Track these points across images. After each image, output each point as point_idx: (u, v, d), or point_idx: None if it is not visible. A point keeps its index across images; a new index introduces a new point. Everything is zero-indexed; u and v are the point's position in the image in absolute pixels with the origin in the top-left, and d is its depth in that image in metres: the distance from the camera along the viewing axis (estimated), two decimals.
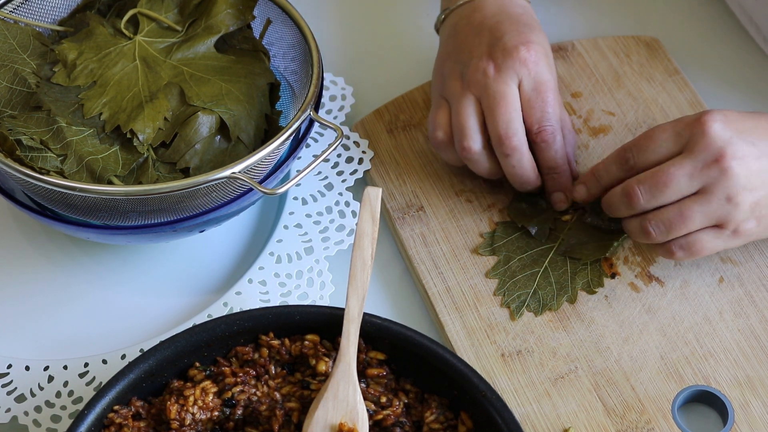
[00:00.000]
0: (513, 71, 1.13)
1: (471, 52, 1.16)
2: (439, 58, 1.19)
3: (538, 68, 1.14)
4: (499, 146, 1.13)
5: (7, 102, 1.12)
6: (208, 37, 1.16)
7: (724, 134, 1.06)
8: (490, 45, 1.15)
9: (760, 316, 1.12)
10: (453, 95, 1.16)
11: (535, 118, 1.14)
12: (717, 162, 1.05)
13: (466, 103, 1.14)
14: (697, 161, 1.06)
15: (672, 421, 1.07)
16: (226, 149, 1.12)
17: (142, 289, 1.17)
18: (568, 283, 1.14)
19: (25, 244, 1.19)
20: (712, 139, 1.05)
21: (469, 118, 1.14)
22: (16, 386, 1.10)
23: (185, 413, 1.01)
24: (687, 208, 1.06)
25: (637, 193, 1.08)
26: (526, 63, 1.13)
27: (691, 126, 1.07)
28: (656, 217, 1.08)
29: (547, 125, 1.14)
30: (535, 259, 1.15)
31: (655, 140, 1.09)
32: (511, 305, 1.13)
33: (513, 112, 1.13)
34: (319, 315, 1.04)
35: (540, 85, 1.14)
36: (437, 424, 1.02)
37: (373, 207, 1.04)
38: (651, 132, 1.09)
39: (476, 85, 1.14)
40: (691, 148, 1.06)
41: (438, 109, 1.17)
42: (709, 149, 1.05)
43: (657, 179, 1.07)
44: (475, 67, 1.14)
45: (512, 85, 1.13)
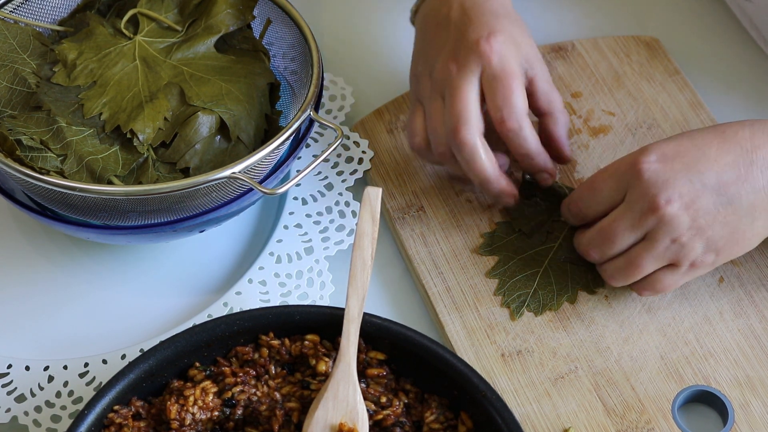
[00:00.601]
0: (474, 64, 1.11)
1: (438, 51, 1.14)
2: (413, 58, 1.19)
3: (498, 58, 1.11)
4: (451, 140, 1.11)
5: (7, 102, 1.12)
6: (208, 37, 1.16)
7: (659, 178, 1.05)
8: (455, 41, 1.13)
9: (760, 316, 1.12)
10: (425, 97, 1.15)
11: (497, 106, 1.11)
12: (653, 211, 1.05)
13: (436, 106, 1.13)
14: (635, 212, 1.06)
15: (672, 421, 1.07)
16: (226, 149, 1.12)
17: (142, 289, 1.17)
18: (568, 283, 1.14)
19: (25, 244, 1.19)
20: (645, 186, 1.05)
21: (440, 123, 1.13)
22: (16, 386, 1.10)
23: (185, 413, 1.01)
24: (635, 255, 1.08)
25: (591, 254, 1.11)
26: (484, 54, 1.11)
27: (628, 171, 1.06)
28: (610, 267, 1.10)
29: (510, 113, 1.11)
30: (535, 259, 1.15)
31: (598, 191, 1.09)
32: (511, 305, 1.13)
33: (466, 105, 1.10)
34: (319, 315, 1.04)
35: (500, 73, 1.11)
36: (437, 424, 1.02)
37: (373, 207, 1.04)
38: (593, 181, 1.10)
39: (441, 84, 1.13)
40: (629, 199, 1.06)
41: (414, 113, 1.16)
42: (644, 198, 1.05)
43: (603, 237, 1.09)
44: (441, 66, 1.13)
45: (471, 78, 1.11)
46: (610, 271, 1.10)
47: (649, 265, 1.08)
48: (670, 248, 1.06)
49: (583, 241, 1.11)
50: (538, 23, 1.33)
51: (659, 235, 1.05)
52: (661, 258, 1.07)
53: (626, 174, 1.07)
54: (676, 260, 1.07)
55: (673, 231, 1.05)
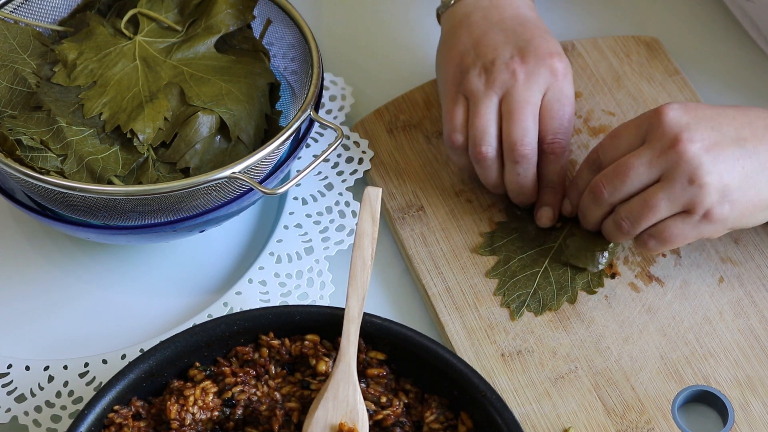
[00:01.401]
0: (543, 78, 1.12)
1: (496, 50, 1.14)
2: (451, 50, 1.17)
3: (565, 81, 1.13)
4: (511, 152, 1.12)
5: (7, 102, 1.12)
6: (208, 37, 1.16)
7: (681, 120, 1.05)
8: (519, 47, 1.13)
9: (760, 316, 1.12)
10: (474, 92, 1.13)
11: (551, 129, 1.13)
12: (673, 146, 1.05)
13: (489, 105, 1.13)
14: (655, 148, 1.05)
15: (672, 421, 1.07)
16: (226, 149, 1.12)
17: (142, 289, 1.17)
18: (568, 283, 1.14)
19: (25, 244, 1.19)
20: (667, 125, 1.05)
21: (490, 124, 1.12)
22: (16, 386, 1.10)
23: (185, 413, 1.01)
24: (650, 195, 1.06)
25: (600, 188, 1.09)
26: (557, 73, 1.13)
27: (650, 116, 1.07)
28: (623, 209, 1.08)
29: (561, 137, 1.13)
30: (535, 259, 1.15)
31: (619, 137, 1.09)
32: (511, 305, 1.13)
33: (531, 121, 1.12)
34: (319, 315, 1.04)
35: (564, 97, 1.13)
36: (437, 424, 1.02)
37: (373, 207, 1.04)
38: (615, 130, 1.10)
39: (502, 84, 1.13)
40: (649, 138, 1.06)
41: (455, 106, 1.15)
42: (666, 135, 1.05)
43: (617, 171, 1.07)
44: (503, 66, 1.13)
45: (538, 93, 1.12)
46: (624, 213, 1.07)
47: (663, 207, 1.06)
48: (686, 190, 1.05)
49: (595, 179, 1.09)
50: None
51: (677, 174, 1.04)
52: (677, 200, 1.05)
53: (647, 118, 1.07)
54: (691, 206, 1.05)
55: (691, 169, 1.04)
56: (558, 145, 1.13)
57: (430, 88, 1.26)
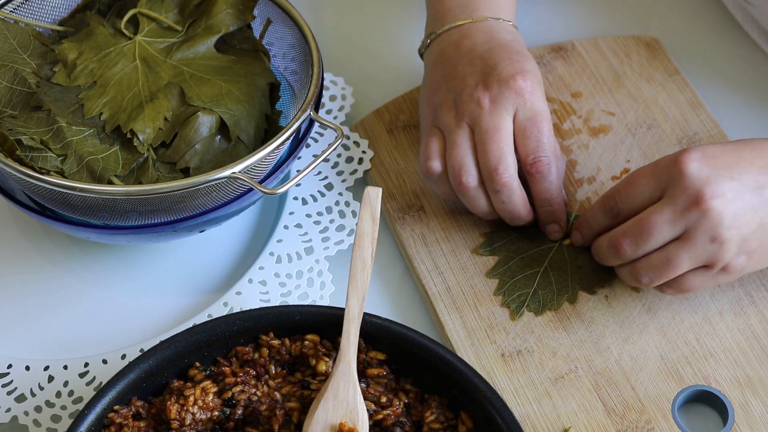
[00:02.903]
0: (508, 102, 1.11)
1: (464, 81, 1.14)
2: (428, 87, 1.17)
3: (533, 98, 1.12)
4: (490, 181, 1.11)
5: (7, 102, 1.12)
6: (208, 37, 1.16)
7: (702, 173, 1.04)
8: (484, 74, 1.13)
9: (760, 316, 1.12)
10: (447, 125, 1.13)
11: (530, 149, 1.12)
12: (696, 204, 1.04)
13: (462, 135, 1.12)
14: (677, 206, 1.04)
15: (672, 421, 1.07)
16: (226, 149, 1.12)
17: (142, 289, 1.17)
18: (568, 282, 1.14)
19: (25, 244, 1.19)
20: (689, 180, 1.04)
21: (466, 153, 1.12)
22: (16, 386, 1.10)
23: (185, 413, 1.01)
24: (673, 254, 1.06)
25: (623, 246, 1.08)
26: (522, 93, 1.11)
27: (669, 168, 1.06)
28: (644, 265, 1.07)
29: (543, 156, 1.12)
30: (535, 259, 1.15)
31: (636, 186, 1.08)
32: (511, 305, 1.13)
33: (505, 147, 1.11)
34: (319, 315, 1.04)
35: (536, 115, 1.12)
36: (437, 424, 1.02)
37: (373, 207, 1.04)
38: (632, 177, 1.09)
39: (470, 115, 1.12)
40: (671, 193, 1.05)
41: (430, 137, 1.14)
42: (687, 192, 1.04)
43: (640, 229, 1.06)
44: (469, 96, 1.12)
45: (507, 117, 1.12)
46: (644, 269, 1.07)
47: (684, 265, 1.06)
48: (707, 248, 1.05)
49: (615, 234, 1.08)
50: (538, 23, 1.33)
51: (699, 232, 1.04)
52: (698, 258, 1.05)
53: (667, 170, 1.06)
54: (712, 261, 1.05)
55: (714, 227, 1.04)
56: (541, 163, 1.12)
57: None
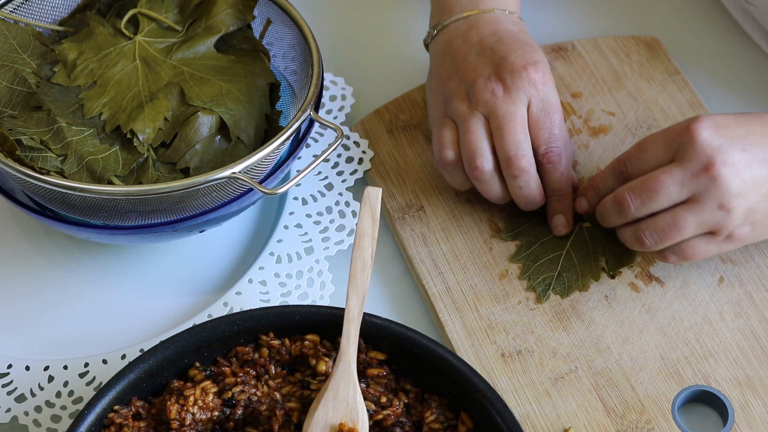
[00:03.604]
0: (522, 92, 1.12)
1: (475, 72, 1.14)
2: (436, 78, 1.18)
3: (546, 89, 1.13)
4: (508, 167, 1.12)
5: (7, 102, 1.12)
6: (208, 37, 1.16)
7: (714, 142, 1.05)
8: (495, 65, 1.14)
9: (760, 316, 1.12)
10: (459, 115, 1.14)
11: (543, 140, 1.13)
12: (707, 170, 1.05)
13: (476, 123, 1.13)
14: (687, 169, 1.05)
15: (672, 421, 1.07)
16: (226, 149, 1.12)
17: (142, 289, 1.17)
18: (591, 264, 1.14)
19: (25, 244, 1.19)
20: (701, 146, 1.05)
21: (481, 139, 1.12)
22: (16, 386, 1.10)
23: (185, 413, 1.01)
24: (680, 216, 1.06)
25: (628, 201, 1.08)
26: (535, 84, 1.13)
27: (681, 134, 1.06)
28: (649, 225, 1.08)
29: (554, 146, 1.13)
30: (556, 242, 1.15)
31: (647, 150, 1.09)
32: (537, 289, 1.13)
33: (522, 134, 1.12)
34: (319, 315, 1.04)
35: (548, 106, 1.13)
36: (437, 424, 1.02)
37: (373, 207, 1.04)
38: (643, 142, 1.09)
39: (484, 104, 1.13)
40: (681, 157, 1.06)
41: (443, 128, 1.15)
42: (699, 157, 1.05)
43: (647, 186, 1.07)
44: (482, 86, 1.13)
45: (521, 106, 1.12)
46: (648, 230, 1.08)
47: (691, 228, 1.06)
48: (715, 214, 1.05)
49: (622, 189, 1.09)
50: (538, 23, 1.33)
51: (707, 197, 1.05)
52: (704, 223, 1.06)
53: (678, 136, 1.07)
54: (717, 228, 1.06)
55: (722, 194, 1.05)
56: (553, 154, 1.13)
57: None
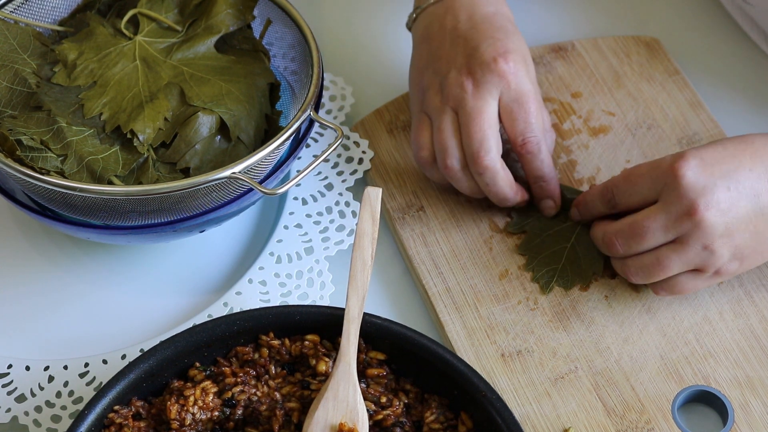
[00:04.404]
0: (491, 85, 1.12)
1: (448, 63, 1.14)
2: (415, 67, 1.18)
3: (517, 79, 1.12)
4: (472, 165, 1.12)
5: (7, 102, 1.12)
6: (208, 37, 1.16)
7: (698, 183, 1.05)
8: (467, 56, 1.13)
9: (760, 316, 1.12)
10: (433, 110, 1.14)
11: (519, 130, 1.12)
12: (690, 215, 1.05)
13: (446, 120, 1.13)
14: (671, 213, 1.05)
15: (672, 421, 1.07)
16: (226, 149, 1.12)
17: (142, 289, 1.17)
18: (595, 258, 1.14)
19: (25, 244, 1.19)
20: (685, 189, 1.05)
21: (449, 137, 1.12)
22: (16, 386, 1.10)
23: (185, 413, 1.01)
24: (664, 256, 1.07)
25: (616, 244, 1.09)
26: (505, 75, 1.12)
27: (666, 174, 1.06)
28: (635, 262, 1.09)
29: (531, 136, 1.13)
30: (562, 235, 1.15)
31: (633, 184, 1.09)
32: (540, 281, 1.13)
33: (487, 130, 1.11)
34: (319, 315, 1.04)
35: (521, 96, 1.12)
36: (437, 424, 1.02)
37: (373, 207, 1.04)
38: (630, 173, 1.09)
39: (454, 99, 1.13)
40: (665, 199, 1.06)
41: (420, 125, 1.15)
42: (683, 201, 1.05)
43: (633, 231, 1.07)
44: (453, 80, 1.13)
45: (490, 100, 1.12)
46: (634, 268, 1.09)
47: (675, 268, 1.07)
48: (699, 254, 1.06)
49: (609, 231, 1.09)
50: (538, 23, 1.33)
51: (692, 240, 1.05)
52: (689, 262, 1.06)
53: (664, 175, 1.06)
54: (703, 266, 1.07)
55: (706, 237, 1.05)
56: (531, 143, 1.13)
57: None
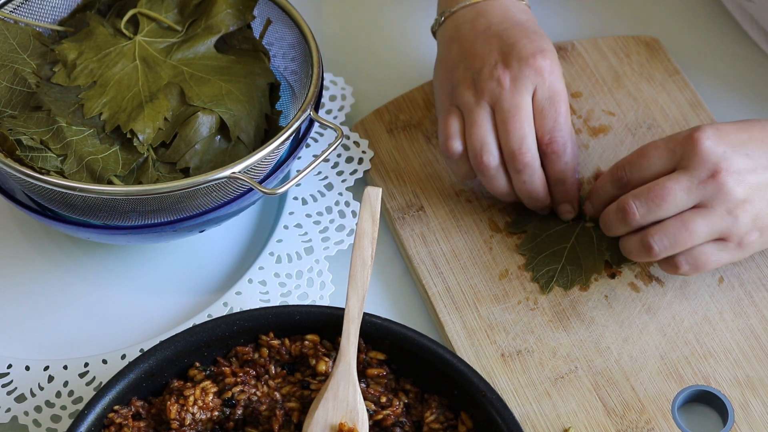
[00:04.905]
0: (529, 81, 1.12)
1: (482, 59, 1.14)
2: (444, 65, 1.17)
3: (552, 78, 1.12)
4: (512, 161, 1.12)
5: (7, 102, 1.12)
6: (208, 37, 1.16)
7: (718, 149, 1.05)
8: (503, 52, 1.13)
9: (760, 316, 1.12)
10: (466, 104, 1.13)
11: (547, 129, 1.12)
12: (713, 177, 1.05)
13: (482, 114, 1.12)
14: (693, 177, 1.05)
15: (672, 421, 1.07)
16: (226, 149, 1.12)
17: (142, 289, 1.17)
18: (596, 259, 1.14)
19: (25, 244, 1.19)
20: (706, 155, 1.05)
21: (487, 133, 1.12)
22: (16, 386, 1.10)
23: (185, 413, 1.01)
24: (690, 220, 1.06)
25: (633, 208, 1.07)
26: (542, 72, 1.12)
27: (684, 143, 1.06)
28: (658, 230, 1.06)
29: (559, 136, 1.12)
30: (562, 235, 1.15)
31: (648, 156, 1.08)
32: (540, 280, 1.13)
33: (527, 127, 1.11)
34: (319, 315, 1.04)
35: (554, 95, 1.12)
36: (437, 424, 1.02)
37: (373, 207, 1.04)
38: (644, 149, 1.09)
39: (490, 94, 1.12)
40: (686, 165, 1.06)
41: (449, 116, 1.14)
42: (705, 165, 1.05)
43: (654, 193, 1.06)
44: (489, 74, 1.12)
45: (527, 97, 1.12)
46: (658, 236, 1.06)
47: (702, 233, 1.06)
48: (724, 218, 1.05)
49: (625, 198, 1.08)
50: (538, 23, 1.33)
51: (716, 203, 1.05)
52: (715, 227, 1.06)
53: (681, 145, 1.06)
54: (727, 234, 1.06)
55: (730, 200, 1.05)
56: (557, 144, 1.12)
57: (430, 88, 1.27)
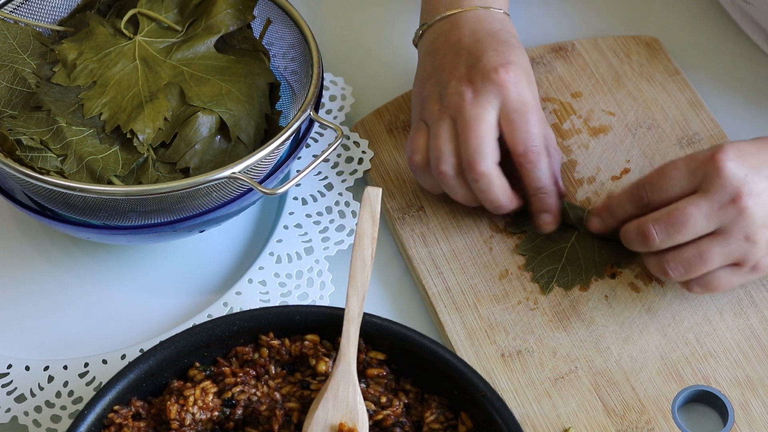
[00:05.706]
0: (491, 94, 1.11)
1: (450, 73, 1.14)
2: (418, 79, 1.18)
3: (518, 89, 1.12)
4: (468, 171, 1.12)
5: (7, 102, 1.12)
6: (208, 37, 1.16)
7: (740, 172, 1.04)
8: (468, 66, 1.13)
9: (760, 316, 1.12)
10: (431, 118, 1.14)
11: (519, 139, 1.12)
12: (734, 202, 1.04)
13: (443, 127, 1.13)
14: (714, 201, 1.04)
15: (672, 421, 1.07)
16: (226, 149, 1.12)
17: (142, 289, 1.17)
18: (595, 259, 1.14)
19: (25, 244, 1.19)
20: (727, 178, 1.04)
21: (445, 143, 1.12)
22: (16, 386, 1.10)
23: (185, 413, 1.01)
24: (706, 248, 1.05)
25: (653, 233, 1.07)
26: (505, 85, 1.11)
27: (705, 164, 1.05)
28: (675, 258, 1.07)
29: (531, 146, 1.12)
30: (562, 235, 1.15)
31: (669, 178, 1.07)
32: (540, 281, 1.13)
33: (484, 137, 1.11)
34: (319, 315, 1.04)
35: (522, 105, 1.12)
36: (437, 424, 1.02)
37: (373, 207, 1.04)
38: (664, 169, 1.08)
39: (453, 107, 1.12)
40: (707, 188, 1.05)
41: (417, 132, 1.15)
42: (726, 189, 1.04)
43: (674, 219, 1.06)
44: (453, 89, 1.13)
45: (489, 109, 1.11)
46: (674, 263, 1.07)
47: (716, 260, 1.06)
48: (741, 246, 1.05)
49: (645, 220, 1.07)
50: (538, 23, 1.33)
51: (735, 229, 1.04)
52: (730, 255, 1.05)
53: (703, 166, 1.05)
54: (742, 259, 1.06)
55: (749, 226, 1.04)
56: (531, 153, 1.12)
57: None
